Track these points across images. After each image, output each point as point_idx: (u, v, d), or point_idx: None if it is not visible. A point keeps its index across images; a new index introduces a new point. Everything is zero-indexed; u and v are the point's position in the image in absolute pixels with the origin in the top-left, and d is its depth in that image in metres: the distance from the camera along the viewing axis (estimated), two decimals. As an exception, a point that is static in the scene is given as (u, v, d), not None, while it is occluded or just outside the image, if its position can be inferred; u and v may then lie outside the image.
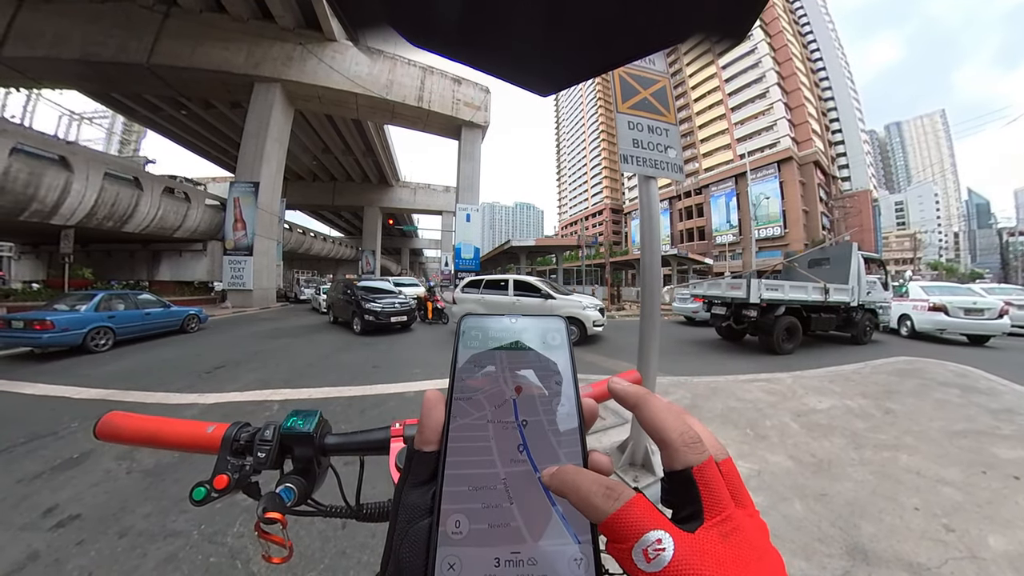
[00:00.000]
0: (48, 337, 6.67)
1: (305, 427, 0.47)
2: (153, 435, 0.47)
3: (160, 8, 17.52)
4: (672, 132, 2.42)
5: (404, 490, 0.24)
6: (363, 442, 0.51)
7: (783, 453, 2.73)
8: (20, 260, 20.98)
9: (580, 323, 7.74)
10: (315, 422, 0.48)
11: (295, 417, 0.49)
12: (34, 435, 3.45)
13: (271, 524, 0.41)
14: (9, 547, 2.01)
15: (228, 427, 0.48)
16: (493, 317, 0.30)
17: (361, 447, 0.51)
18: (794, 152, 39.10)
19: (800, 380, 4.58)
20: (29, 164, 12.04)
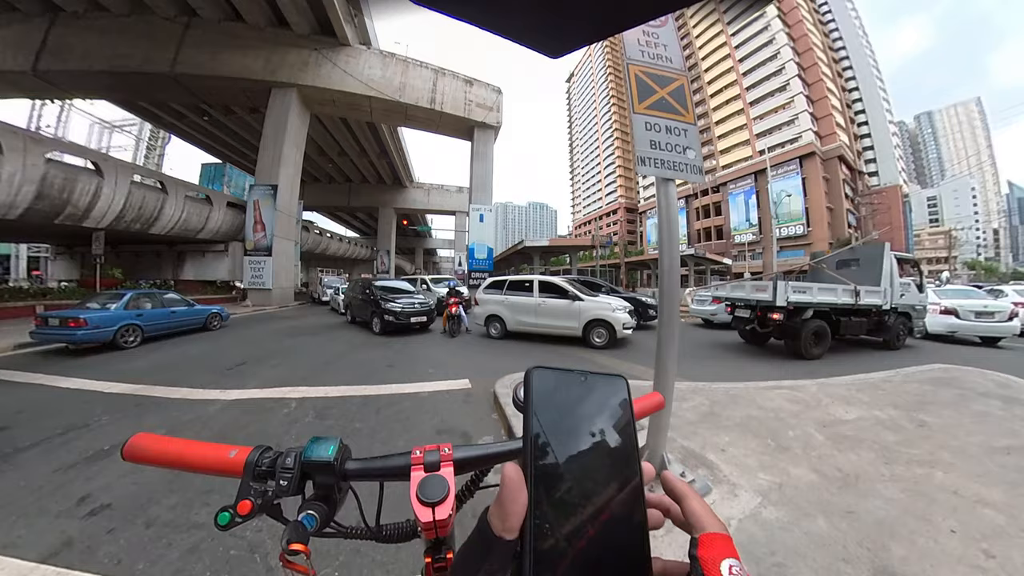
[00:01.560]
0: (82, 334, 6.98)
1: (326, 455, 0.48)
2: (177, 458, 0.48)
3: (181, 19, 18.18)
4: (691, 132, 2.32)
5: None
6: (383, 468, 0.51)
7: (806, 466, 2.58)
8: (56, 260, 22.06)
9: (609, 326, 7.49)
10: (335, 449, 0.49)
11: (315, 444, 0.49)
12: (69, 427, 3.61)
13: (295, 555, 0.42)
14: (46, 533, 2.10)
15: (250, 452, 0.48)
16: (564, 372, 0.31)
17: (381, 473, 0.52)
18: (817, 147, 37.53)
19: (826, 388, 4.34)
20: (64, 171, 12.68)
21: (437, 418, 3.66)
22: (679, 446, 2.82)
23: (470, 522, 0.29)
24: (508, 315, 8.47)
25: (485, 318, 8.78)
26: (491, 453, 0.55)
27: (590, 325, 7.58)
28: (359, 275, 34.68)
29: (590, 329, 7.58)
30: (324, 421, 3.63)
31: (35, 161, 11.72)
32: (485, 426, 3.45)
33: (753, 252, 40.15)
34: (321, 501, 0.47)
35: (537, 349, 7.63)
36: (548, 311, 8.01)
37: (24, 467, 2.86)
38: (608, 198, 77.26)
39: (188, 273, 21.35)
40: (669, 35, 2.45)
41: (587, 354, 7.13)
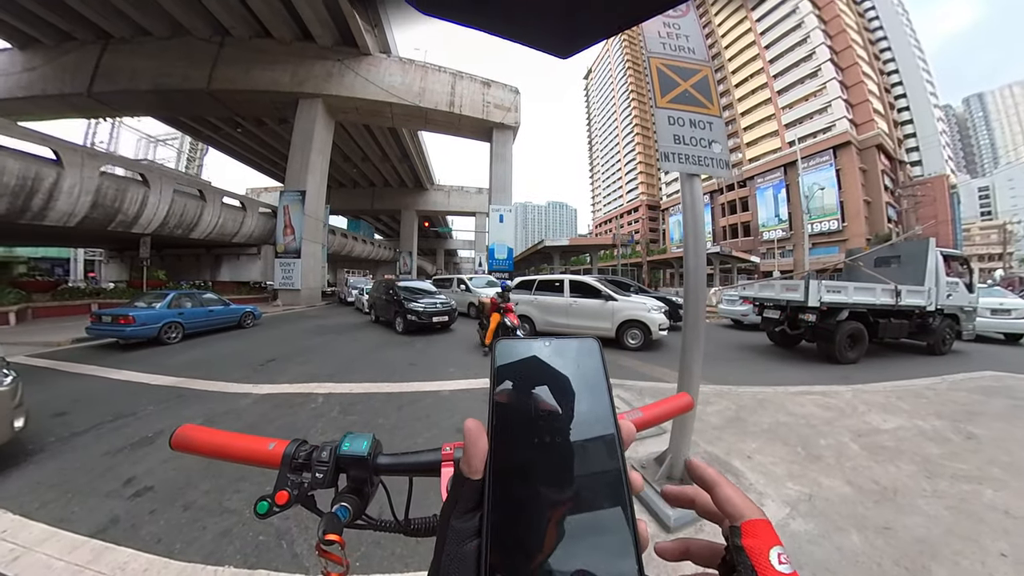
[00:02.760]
0: (130, 330, 7.52)
1: (360, 450, 0.50)
2: (220, 448, 0.51)
3: (216, 39, 19.43)
4: (716, 125, 2.24)
5: (452, 515, 0.26)
6: (414, 463, 0.53)
7: (840, 477, 2.44)
8: (108, 263, 24.05)
9: (644, 326, 7.24)
10: (369, 444, 0.51)
11: (350, 439, 0.51)
12: (118, 415, 3.90)
13: (330, 544, 0.44)
14: (97, 511, 2.28)
15: (288, 444, 0.51)
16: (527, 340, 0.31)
17: (412, 468, 0.53)
18: (853, 136, 35.04)
19: (861, 395, 4.08)
20: (115, 182, 13.72)
21: (457, 415, 3.71)
22: (703, 451, 2.74)
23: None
24: (537, 315, 8.40)
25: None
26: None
27: (624, 326, 7.38)
28: (383, 276, 35.59)
29: (624, 330, 7.38)
30: (348, 416, 3.75)
31: (91, 174, 12.73)
32: (503, 423, 3.47)
33: (783, 249, 38.17)
34: (354, 494, 0.49)
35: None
36: (580, 311, 7.85)
37: (79, 450, 3.12)
38: (629, 195, 75.84)
39: (224, 274, 22.61)
40: (691, 25, 2.38)
41: (620, 356, 7.02)
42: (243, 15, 18.25)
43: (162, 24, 18.75)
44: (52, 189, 11.78)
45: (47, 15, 17.74)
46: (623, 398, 3.81)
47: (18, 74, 20.27)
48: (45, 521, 2.17)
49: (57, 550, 1.94)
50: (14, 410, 2.77)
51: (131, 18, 18.24)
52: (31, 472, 2.76)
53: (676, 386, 4.22)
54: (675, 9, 2.34)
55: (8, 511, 2.26)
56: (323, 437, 3.24)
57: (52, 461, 2.92)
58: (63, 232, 14.50)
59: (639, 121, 71.53)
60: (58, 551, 1.93)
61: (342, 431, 2.27)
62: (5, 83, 20.36)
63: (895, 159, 38.80)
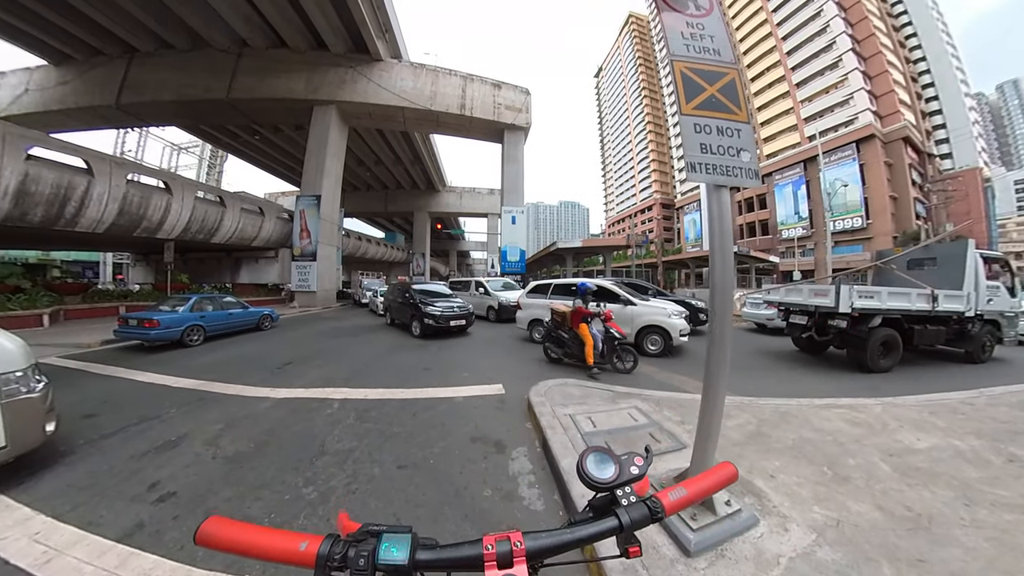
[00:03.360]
0: (155, 333, 7.76)
1: (399, 557, 0.48)
2: (249, 547, 0.49)
3: (234, 50, 20.11)
4: (744, 132, 2.10)
5: None
6: (455, 559, 0.51)
7: (869, 501, 2.27)
8: (135, 267, 25.18)
9: (665, 332, 6.95)
10: (408, 547, 0.49)
11: (388, 543, 0.49)
12: (143, 417, 4.00)
13: None
14: (123, 515, 2.33)
15: (320, 543, 0.49)
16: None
17: (453, 564, 0.51)
18: (877, 128, 33.46)
19: (892, 409, 3.80)
20: (140, 190, 14.27)
21: (471, 424, 3.66)
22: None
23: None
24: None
25: (528, 322, 8.74)
26: (563, 541, 0.53)
27: (644, 331, 7.15)
28: (396, 277, 36.00)
29: (643, 336, 7.15)
30: (364, 423, 3.76)
31: (118, 182, 13.24)
32: (519, 435, 3.41)
33: (803, 248, 36.96)
34: None
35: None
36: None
37: (107, 452, 3.21)
38: (642, 194, 74.83)
39: (244, 277, 23.28)
40: (715, 25, 2.27)
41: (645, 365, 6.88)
42: (260, 26, 18.76)
43: (184, 37, 19.44)
44: (83, 197, 12.30)
45: (79, 32, 18.65)
46: (640, 408, 3.70)
47: (52, 88, 21.36)
48: (75, 524, 2.22)
49: (86, 554, 1.98)
50: (46, 414, 2.86)
51: (155, 32, 18.97)
52: (63, 474, 2.84)
53: (695, 396, 4.11)
54: (698, 8, 2.25)
55: (41, 513, 2.33)
56: (339, 445, 3.27)
57: (82, 464, 3.01)
58: (92, 238, 15.14)
59: (651, 118, 70.52)
60: (87, 555, 1.97)
61: (359, 438, 2.25)
62: (41, 97, 21.50)
63: (923, 152, 37.04)
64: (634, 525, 0.55)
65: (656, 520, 0.57)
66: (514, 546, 0.49)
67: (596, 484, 0.59)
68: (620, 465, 0.60)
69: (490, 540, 0.50)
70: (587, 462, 0.60)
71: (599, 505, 0.61)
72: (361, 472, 2.78)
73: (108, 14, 17.28)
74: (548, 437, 3.04)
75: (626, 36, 78.91)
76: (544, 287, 8.89)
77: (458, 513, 2.28)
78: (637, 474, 0.60)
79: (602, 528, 0.55)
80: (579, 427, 3.22)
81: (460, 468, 2.82)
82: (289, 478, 2.71)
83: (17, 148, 10.40)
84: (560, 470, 2.55)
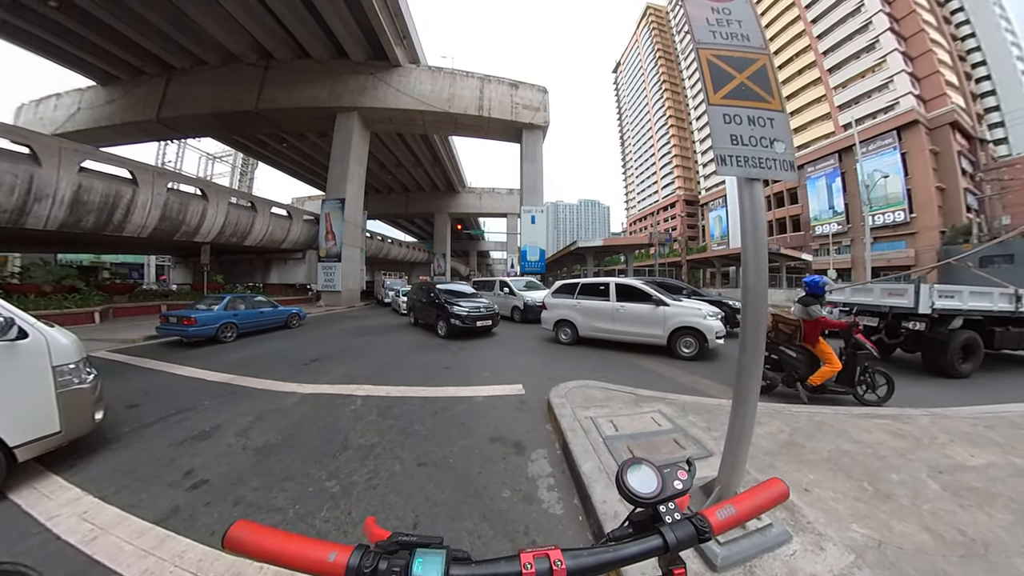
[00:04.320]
0: (192, 330, 8.22)
1: (433, 573, 0.46)
2: (277, 554, 0.48)
3: (261, 63, 21.23)
4: (779, 121, 1.95)
5: None
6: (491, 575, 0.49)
7: (916, 522, 2.07)
8: (175, 268, 26.96)
9: (699, 334, 6.61)
10: (443, 563, 0.47)
11: (423, 557, 0.47)
12: (181, 408, 4.23)
13: None
14: (160, 500, 2.47)
15: (350, 555, 0.47)
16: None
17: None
18: (920, 113, 30.70)
19: (941, 421, 3.46)
20: (179, 197, 15.20)
21: (491, 425, 3.65)
22: (752, 479, 2.45)
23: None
24: (581, 320, 8.01)
25: (555, 323, 8.48)
26: (605, 560, 0.50)
27: (677, 333, 6.82)
28: (418, 277, 36.64)
29: (677, 338, 6.82)
30: (386, 420, 3.82)
31: (160, 190, 14.14)
32: (538, 437, 3.37)
33: (839, 245, 34.71)
34: None
35: (604, 358, 7.37)
36: (628, 317, 7.34)
37: (147, 440, 3.42)
38: (665, 191, 72.99)
39: (273, 277, 24.36)
40: (743, 8, 2.15)
41: (660, 366, 6.72)
42: (284, 39, 19.66)
43: (215, 53, 20.65)
44: (129, 204, 13.19)
45: (123, 53, 20.27)
46: (664, 413, 3.58)
47: (101, 106, 23.29)
48: (118, 505, 2.38)
49: (127, 534, 2.11)
50: (95, 404, 3.07)
51: (190, 50, 20.27)
52: (109, 459, 3.05)
53: (721, 401, 3.95)
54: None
55: (89, 494, 2.51)
56: (362, 441, 3.33)
57: (126, 450, 3.21)
58: (137, 242, 16.20)
59: (673, 112, 68.64)
60: (128, 535, 2.10)
61: (380, 435, 2.27)
62: (92, 115, 23.47)
63: (974, 138, 33.91)
64: (680, 545, 0.52)
65: (703, 540, 0.53)
66: (554, 565, 0.47)
67: (638, 499, 0.56)
68: (663, 479, 0.57)
69: (528, 558, 0.48)
70: (628, 475, 0.57)
71: (639, 521, 0.58)
72: (382, 468, 2.82)
73: (148, 35, 18.59)
74: (568, 440, 2.98)
75: (644, 29, 77.23)
76: (571, 287, 8.56)
77: (476, 513, 2.27)
78: (681, 489, 0.57)
79: (645, 547, 0.52)
80: (600, 431, 3.15)
81: (479, 468, 2.81)
82: (313, 471, 2.78)
83: (72, 162, 11.27)
84: (581, 474, 2.49)
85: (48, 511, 2.32)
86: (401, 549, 0.48)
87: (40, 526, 2.19)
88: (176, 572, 1.84)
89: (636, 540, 0.53)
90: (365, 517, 0.67)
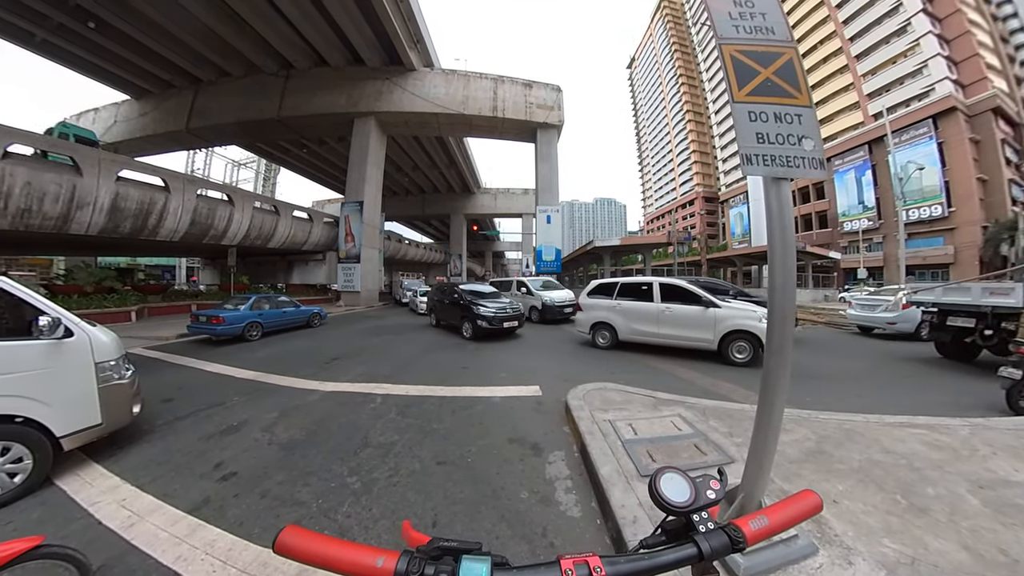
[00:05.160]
0: (220, 329, 8.57)
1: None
2: (325, 559, 0.49)
3: (282, 73, 21.99)
4: (807, 117, 1.87)
5: None
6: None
7: (953, 539, 1.93)
8: (205, 269, 28.46)
9: (754, 338, 6.14)
10: (488, 569, 0.48)
11: (468, 565, 0.48)
12: (211, 403, 4.42)
13: None
14: (192, 490, 2.58)
15: (398, 560, 0.48)
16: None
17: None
18: (959, 100, 28.62)
19: (982, 432, 3.21)
20: (208, 203, 15.91)
21: (508, 425, 3.65)
22: (777, 488, 2.36)
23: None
24: (621, 323, 7.50)
25: (591, 325, 7.96)
26: (642, 568, 0.51)
27: (729, 337, 6.34)
28: (435, 278, 37.07)
29: (729, 342, 6.34)
30: (406, 419, 3.88)
31: (190, 197, 14.81)
32: (556, 439, 3.35)
33: (869, 243, 32.94)
34: None
35: (623, 360, 7.25)
36: (674, 319, 6.87)
37: (180, 433, 3.59)
38: (683, 188, 71.45)
39: (295, 278, 25.19)
40: (767, 0, 2.08)
41: (678, 368, 6.58)
42: (303, 48, 20.30)
43: (239, 65, 21.56)
44: (162, 210, 13.86)
45: (154, 68, 21.50)
46: (684, 417, 3.49)
47: (135, 119, 24.70)
48: (154, 494, 2.51)
49: (162, 522, 2.22)
50: (133, 398, 3.24)
51: (215, 64, 21.21)
52: (145, 450, 3.22)
53: (743, 406, 3.83)
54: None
55: (127, 482, 2.66)
56: (382, 439, 3.39)
57: (161, 442, 3.38)
58: (169, 245, 17.01)
59: (690, 107, 67.07)
60: (162, 523, 2.21)
61: (400, 433, 2.31)
62: (127, 127, 24.92)
63: (1020, 124, 31.55)
64: (714, 554, 0.53)
65: (737, 550, 0.53)
66: (593, 571, 0.48)
67: (672, 507, 0.56)
68: (696, 488, 0.58)
69: (568, 564, 0.49)
70: (661, 483, 0.58)
71: (672, 529, 0.59)
72: (402, 466, 2.87)
73: (176, 50, 19.64)
74: (587, 443, 2.95)
75: (659, 22, 75.69)
76: (608, 287, 7.99)
77: (494, 513, 2.28)
78: (714, 499, 0.58)
79: (680, 555, 0.53)
80: (619, 434, 3.10)
81: (497, 468, 2.82)
82: (335, 467, 2.85)
83: (110, 172, 11.95)
84: (599, 478, 2.46)
85: (90, 497, 2.47)
86: (444, 554, 0.49)
87: (83, 511, 2.33)
88: (207, 560, 1.92)
89: (671, 548, 0.54)
90: (388, 515, 0.68)
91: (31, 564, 1.26)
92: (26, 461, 2.52)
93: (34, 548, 1.23)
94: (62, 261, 22.49)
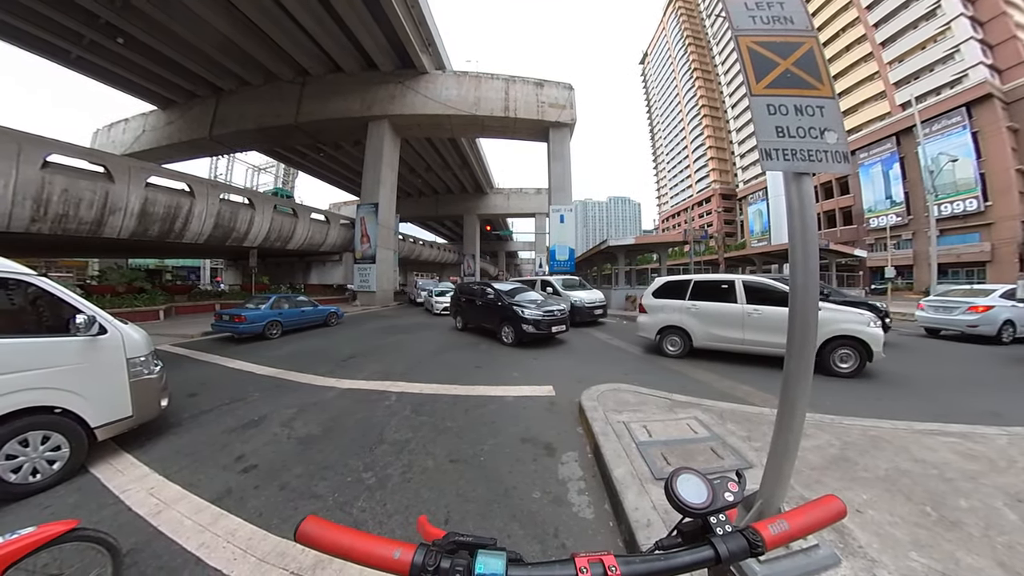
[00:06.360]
0: (242, 327, 8.86)
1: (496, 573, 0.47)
2: (345, 550, 0.51)
3: (298, 80, 22.60)
4: (829, 109, 1.78)
5: None
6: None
7: (988, 555, 1.81)
8: (227, 270, 29.81)
9: (862, 345, 5.34)
10: (503, 565, 0.48)
11: (483, 560, 0.49)
12: (233, 398, 4.58)
13: None
14: (216, 480, 2.68)
15: (414, 552, 0.49)
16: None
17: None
18: (995, 86, 26.87)
19: (1021, 442, 3.00)
20: (230, 206, 16.49)
21: (521, 425, 3.65)
22: (798, 496, 2.27)
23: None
24: (697, 327, 6.56)
25: (658, 330, 6.97)
26: (657, 569, 0.50)
27: (831, 344, 5.47)
28: (448, 278, 37.38)
29: (832, 350, 5.48)
30: (420, 416, 3.93)
31: (214, 201, 15.38)
32: (569, 439, 3.33)
33: (897, 240, 31.21)
34: None
35: (637, 361, 7.14)
36: (763, 323, 5.97)
37: (204, 426, 3.73)
38: (699, 185, 69.93)
39: (313, 279, 25.88)
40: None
41: (694, 370, 6.39)
42: (318, 55, 20.83)
43: (258, 74, 22.33)
44: (187, 214, 14.43)
45: (178, 80, 22.51)
46: (700, 420, 3.42)
47: (162, 128, 25.84)
48: (179, 484, 2.62)
49: (187, 510, 2.32)
50: (161, 392, 3.40)
51: (235, 73, 22.01)
52: (172, 441, 3.36)
53: (762, 409, 3.72)
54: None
55: (155, 472, 2.79)
56: (396, 436, 3.44)
57: (187, 434, 3.53)
58: (194, 247, 17.70)
59: (706, 102, 65.54)
60: (187, 511, 2.31)
61: (414, 430, 2.35)
62: (154, 136, 26.11)
63: None
64: (732, 557, 0.52)
65: (755, 555, 0.53)
66: (608, 570, 0.48)
67: (688, 509, 0.56)
68: (713, 490, 0.57)
69: (583, 562, 0.49)
70: (677, 483, 0.57)
71: (689, 531, 0.58)
72: (416, 463, 2.90)
73: (199, 61, 20.54)
74: (600, 444, 2.92)
75: (671, 16, 74.24)
76: (678, 286, 7.00)
77: (506, 512, 2.28)
78: (732, 501, 0.57)
79: (697, 557, 0.52)
80: (633, 436, 3.06)
81: (509, 468, 2.82)
82: (351, 462, 2.91)
83: (139, 178, 12.53)
84: (612, 479, 2.43)
85: (121, 485, 2.60)
86: (459, 549, 0.50)
87: (115, 497, 2.46)
88: (228, 547, 1.99)
89: (687, 550, 0.53)
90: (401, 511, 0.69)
91: (67, 546, 1.34)
92: (64, 450, 2.67)
93: (69, 531, 1.31)
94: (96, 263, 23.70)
